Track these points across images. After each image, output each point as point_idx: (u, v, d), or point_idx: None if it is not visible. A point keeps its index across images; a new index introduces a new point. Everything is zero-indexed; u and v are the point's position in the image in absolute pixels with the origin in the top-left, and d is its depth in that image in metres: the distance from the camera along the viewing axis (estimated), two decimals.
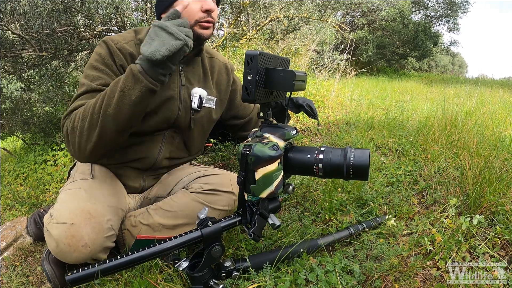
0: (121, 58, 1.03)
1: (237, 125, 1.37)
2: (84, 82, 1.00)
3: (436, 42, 10.75)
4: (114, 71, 1.02)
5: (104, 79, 1.00)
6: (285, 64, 0.96)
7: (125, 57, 1.04)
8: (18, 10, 1.83)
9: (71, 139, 0.94)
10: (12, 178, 2.28)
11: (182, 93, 1.13)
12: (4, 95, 2.33)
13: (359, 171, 0.81)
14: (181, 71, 1.13)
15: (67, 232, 0.88)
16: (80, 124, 0.91)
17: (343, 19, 10.19)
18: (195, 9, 1.03)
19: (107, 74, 1.01)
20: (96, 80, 0.99)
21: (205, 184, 1.13)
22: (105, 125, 0.89)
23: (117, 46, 1.03)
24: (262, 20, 3.52)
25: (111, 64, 1.02)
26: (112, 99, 0.88)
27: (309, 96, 2.94)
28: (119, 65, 1.03)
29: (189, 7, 1.02)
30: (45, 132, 2.39)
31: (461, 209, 1.20)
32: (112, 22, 2.14)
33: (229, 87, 1.28)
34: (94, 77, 1.00)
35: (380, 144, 1.87)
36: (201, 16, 1.03)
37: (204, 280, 0.87)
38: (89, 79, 1.00)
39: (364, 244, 1.08)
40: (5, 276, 1.15)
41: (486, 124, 1.94)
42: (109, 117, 0.89)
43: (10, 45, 2.02)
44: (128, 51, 1.04)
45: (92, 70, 1.01)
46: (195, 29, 1.04)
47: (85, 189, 0.98)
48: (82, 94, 0.99)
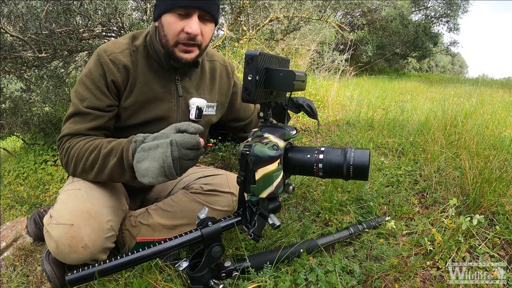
0: (113, 72, 1.00)
1: (238, 127, 1.37)
2: (73, 102, 1.02)
3: (436, 42, 10.76)
4: (101, 90, 1.00)
5: (91, 101, 1.00)
6: (285, 64, 0.96)
7: (118, 69, 1.01)
8: (15, 12, 1.83)
9: (64, 166, 1.02)
10: (12, 178, 2.28)
11: (180, 104, 1.11)
12: (4, 95, 2.33)
13: (359, 171, 0.81)
14: (178, 81, 1.10)
15: (67, 233, 0.88)
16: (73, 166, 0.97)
17: (343, 19, 10.20)
18: (177, 28, 0.96)
19: (94, 95, 1.00)
20: (84, 101, 1.00)
21: (205, 184, 1.12)
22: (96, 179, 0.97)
23: (110, 57, 1.00)
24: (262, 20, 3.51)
25: (100, 83, 1.00)
26: (102, 173, 0.94)
27: (309, 96, 2.94)
28: (110, 81, 1.00)
29: (172, 25, 0.95)
30: (45, 132, 2.39)
31: (461, 209, 1.19)
32: (111, 22, 2.13)
33: (229, 90, 1.26)
34: (82, 96, 1.00)
35: (380, 144, 1.87)
36: (182, 37, 0.96)
37: (204, 280, 0.87)
38: (78, 97, 1.01)
39: (364, 244, 1.08)
40: (5, 276, 1.14)
41: (486, 124, 1.94)
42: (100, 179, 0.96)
43: (9, 47, 2.02)
44: (122, 63, 1.01)
45: (82, 87, 1.01)
46: (175, 50, 0.99)
47: (85, 189, 0.98)
48: (71, 116, 1.01)
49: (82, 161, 0.95)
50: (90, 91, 1.00)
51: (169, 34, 0.97)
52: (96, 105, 1.00)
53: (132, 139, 0.89)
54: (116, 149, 0.91)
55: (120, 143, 0.91)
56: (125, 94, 1.04)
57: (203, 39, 1.01)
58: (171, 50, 0.99)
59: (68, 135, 1.00)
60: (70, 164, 0.98)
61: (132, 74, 1.04)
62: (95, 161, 0.93)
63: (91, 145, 0.95)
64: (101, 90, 1.00)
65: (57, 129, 2.35)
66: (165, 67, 1.06)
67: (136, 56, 1.05)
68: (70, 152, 0.97)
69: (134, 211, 1.11)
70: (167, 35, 0.97)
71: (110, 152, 0.91)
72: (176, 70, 1.09)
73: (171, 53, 1.00)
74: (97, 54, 1.02)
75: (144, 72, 1.05)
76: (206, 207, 0.93)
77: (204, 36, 1.01)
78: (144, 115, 1.07)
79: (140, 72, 1.05)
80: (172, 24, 0.96)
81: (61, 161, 1.01)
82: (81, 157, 0.95)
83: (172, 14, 0.95)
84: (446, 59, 18.93)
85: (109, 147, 0.92)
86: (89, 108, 1.00)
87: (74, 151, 0.96)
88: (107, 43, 1.06)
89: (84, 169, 0.96)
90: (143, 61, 1.06)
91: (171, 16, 0.95)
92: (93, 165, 0.94)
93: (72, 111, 1.01)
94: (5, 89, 2.32)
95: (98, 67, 1.00)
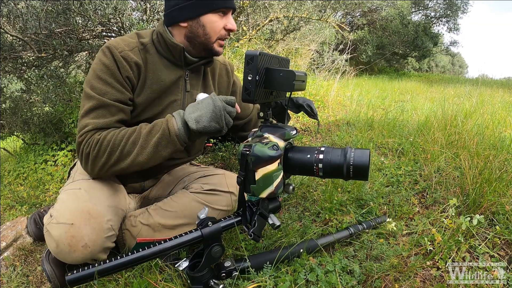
0: (127, 69, 1.01)
1: (237, 126, 1.37)
2: (92, 95, 0.98)
3: (436, 42, 10.76)
4: (121, 83, 1.00)
5: (112, 94, 0.99)
6: (285, 64, 0.96)
7: (130, 66, 1.02)
8: (14, 12, 1.83)
9: (90, 162, 0.97)
10: (12, 178, 2.28)
11: (186, 99, 1.13)
12: (4, 95, 2.33)
13: (359, 171, 0.81)
14: (187, 77, 1.12)
15: (67, 232, 0.88)
16: (106, 156, 0.95)
17: (343, 19, 10.20)
18: (219, 26, 1.06)
19: (115, 88, 0.99)
20: (105, 94, 0.98)
21: (205, 184, 1.13)
22: (132, 164, 0.96)
23: (122, 54, 1.00)
24: (262, 20, 3.51)
25: (118, 76, 1.00)
26: (144, 149, 0.95)
27: (309, 96, 2.94)
28: (125, 76, 1.01)
29: (215, 24, 1.05)
30: (45, 132, 2.39)
31: (461, 209, 1.20)
32: (111, 22, 2.13)
33: (229, 89, 1.28)
34: (102, 90, 0.98)
35: (380, 144, 1.87)
36: (223, 34, 1.07)
37: (204, 280, 0.87)
38: (96, 92, 0.98)
39: (364, 244, 1.08)
40: (5, 276, 1.15)
41: (486, 124, 1.94)
42: (138, 162, 0.96)
43: (9, 47, 2.02)
44: (134, 60, 1.02)
45: (99, 82, 0.99)
46: (214, 46, 1.08)
47: (85, 189, 0.98)
48: (94, 109, 0.98)
49: (120, 147, 0.94)
50: (110, 84, 0.99)
51: (212, 32, 1.05)
52: (119, 98, 1.00)
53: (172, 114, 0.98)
54: (158, 125, 0.96)
55: (159, 121, 0.97)
56: (136, 91, 1.05)
57: None
58: (211, 46, 1.07)
59: (94, 129, 0.97)
60: (101, 156, 0.95)
61: (143, 72, 1.05)
62: (135, 142, 0.95)
63: (127, 131, 0.96)
64: (121, 84, 1.01)
65: (57, 129, 2.35)
66: (178, 63, 1.09)
67: (145, 54, 1.06)
68: (102, 143, 0.94)
69: (134, 211, 1.11)
70: (210, 33, 1.05)
71: (151, 130, 0.96)
72: (188, 66, 1.11)
73: (210, 49, 1.08)
74: (108, 50, 1.00)
75: (154, 69, 1.06)
76: (206, 207, 0.93)
77: None
78: (152, 111, 1.08)
79: (150, 70, 1.06)
80: (216, 23, 1.05)
81: (87, 155, 0.97)
82: (117, 144, 0.94)
83: (214, 14, 1.04)
84: (446, 59, 18.93)
85: (148, 127, 0.97)
86: (113, 100, 0.99)
87: (108, 140, 0.94)
88: (115, 39, 1.06)
89: (121, 156, 0.95)
90: (152, 58, 1.07)
91: (214, 15, 1.04)
92: (133, 146, 0.95)
93: (92, 104, 0.98)
94: (5, 89, 2.32)
95: (113, 62, 1.00)
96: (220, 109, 0.92)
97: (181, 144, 0.96)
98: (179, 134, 0.94)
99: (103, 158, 0.95)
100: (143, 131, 0.95)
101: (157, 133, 0.94)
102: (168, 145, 0.95)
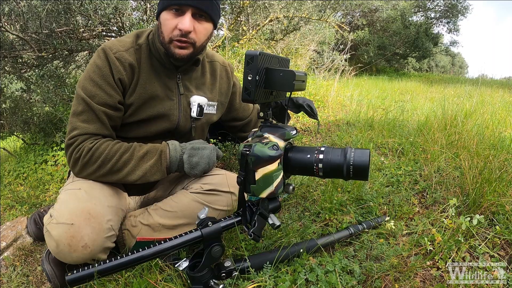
0: (120, 70, 1.01)
1: (237, 127, 1.38)
2: (82, 97, 0.99)
3: (436, 43, 10.76)
4: (112, 86, 1.01)
5: (101, 97, 0.99)
6: (285, 64, 0.96)
7: (124, 68, 1.02)
8: (16, 11, 1.83)
9: (79, 167, 0.99)
10: (12, 178, 2.28)
11: (181, 102, 1.13)
12: (4, 95, 2.33)
13: (359, 171, 0.81)
14: (179, 80, 1.12)
15: (67, 232, 0.88)
16: (97, 166, 0.98)
17: (343, 19, 10.20)
18: (171, 25, 0.99)
19: (104, 91, 1.00)
20: (94, 97, 0.99)
21: (205, 184, 1.13)
22: (121, 180, 1.01)
23: (116, 55, 1.01)
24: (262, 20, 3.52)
25: (109, 78, 1.00)
26: (134, 172, 0.99)
27: (309, 96, 2.94)
28: (117, 79, 1.01)
29: (167, 22, 0.99)
30: (45, 132, 2.39)
31: (461, 209, 1.19)
32: (111, 22, 2.13)
33: (229, 90, 1.28)
34: (92, 92, 0.99)
35: (380, 144, 1.87)
36: (175, 34, 1.00)
37: (204, 280, 0.87)
38: (86, 94, 0.99)
39: (364, 244, 1.08)
40: (5, 276, 1.15)
41: (486, 124, 1.94)
42: (126, 180, 1.00)
43: (9, 46, 2.02)
44: (128, 61, 1.02)
45: (90, 83, 1.00)
46: (170, 46, 1.02)
47: (85, 189, 0.98)
48: (82, 113, 0.99)
49: (111, 162, 0.97)
50: (100, 87, 1.00)
51: (165, 31, 1.01)
52: (107, 102, 1.00)
53: (168, 143, 1.05)
54: (152, 153, 1.01)
55: (154, 148, 1.02)
56: (129, 91, 1.05)
57: (196, 37, 1.02)
58: (167, 46, 1.02)
59: (85, 135, 0.98)
60: (91, 164, 0.97)
61: (137, 72, 1.05)
62: (126, 163, 0.98)
63: (120, 147, 0.99)
64: (112, 86, 1.01)
65: (57, 129, 2.35)
66: (166, 65, 1.08)
67: (140, 54, 1.06)
68: (94, 153, 0.97)
69: (134, 211, 1.11)
70: (163, 32, 1.01)
71: (144, 156, 1.01)
72: (177, 69, 1.10)
73: (167, 49, 1.03)
74: (103, 51, 1.01)
75: (147, 70, 1.06)
76: (206, 207, 0.93)
77: (198, 35, 1.02)
78: (145, 112, 1.08)
79: (143, 70, 1.06)
80: (167, 21, 1.00)
81: (76, 160, 0.98)
82: (109, 159, 0.97)
83: (168, 11, 0.99)
84: (446, 59, 18.92)
85: (142, 151, 1.01)
86: (100, 104, 0.99)
87: (100, 152, 0.97)
88: (111, 40, 1.07)
89: (111, 170, 0.98)
90: (146, 59, 1.07)
91: (167, 13, 0.99)
92: (124, 166, 0.99)
93: (81, 107, 0.99)
94: (5, 89, 2.32)
95: (106, 64, 1.00)
96: (215, 162, 1.07)
97: (169, 174, 1.05)
98: (170, 167, 1.03)
99: (93, 166, 0.98)
100: (136, 154, 1.00)
101: (149, 160, 1.00)
102: (157, 173, 1.02)
